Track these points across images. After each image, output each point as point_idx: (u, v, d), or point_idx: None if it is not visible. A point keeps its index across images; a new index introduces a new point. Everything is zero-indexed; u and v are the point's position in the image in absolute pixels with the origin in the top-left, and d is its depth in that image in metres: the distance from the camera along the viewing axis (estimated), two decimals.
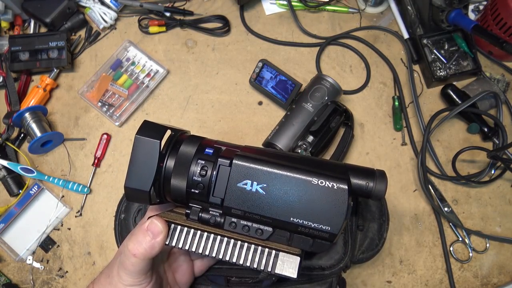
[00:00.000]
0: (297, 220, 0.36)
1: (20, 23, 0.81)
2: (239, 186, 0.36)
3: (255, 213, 0.36)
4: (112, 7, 0.82)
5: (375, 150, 0.73)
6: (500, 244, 0.68)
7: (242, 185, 0.36)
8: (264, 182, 0.36)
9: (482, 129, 0.71)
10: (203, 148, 0.39)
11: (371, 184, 0.38)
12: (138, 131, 0.38)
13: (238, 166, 0.36)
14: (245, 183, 0.36)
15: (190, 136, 0.42)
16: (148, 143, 0.38)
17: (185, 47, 0.81)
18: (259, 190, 0.36)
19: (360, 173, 0.38)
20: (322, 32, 0.81)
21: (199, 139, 0.41)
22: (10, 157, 0.74)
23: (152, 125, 0.39)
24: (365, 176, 0.38)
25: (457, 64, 0.75)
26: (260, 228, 0.37)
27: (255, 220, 0.37)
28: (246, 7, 0.83)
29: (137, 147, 0.38)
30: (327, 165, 0.39)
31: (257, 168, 0.36)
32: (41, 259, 0.70)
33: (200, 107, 0.77)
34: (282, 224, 0.36)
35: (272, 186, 0.36)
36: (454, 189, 0.71)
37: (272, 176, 0.36)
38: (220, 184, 0.37)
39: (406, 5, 0.77)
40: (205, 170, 0.38)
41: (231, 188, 0.36)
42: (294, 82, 0.72)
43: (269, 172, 0.36)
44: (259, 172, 0.36)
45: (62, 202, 0.72)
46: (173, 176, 0.39)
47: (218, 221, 0.38)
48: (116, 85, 0.77)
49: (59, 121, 0.77)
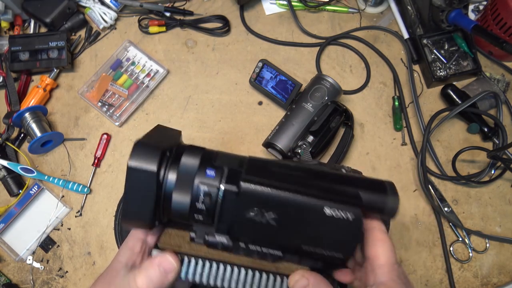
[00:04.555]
0: (309, 248, 0.35)
1: (20, 23, 0.81)
2: (247, 216, 0.34)
3: (265, 242, 0.35)
4: (112, 7, 0.82)
5: (375, 150, 0.73)
6: (500, 244, 0.68)
7: (251, 215, 0.34)
8: (274, 211, 0.34)
9: (482, 129, 0.71)
10: (204, 166, 0.35)
11: (384, 201, 0.36)
12: (130, 157, 0.34)
13: (246, 194, 0.33)
14: (254, 212, 0.34)
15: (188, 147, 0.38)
16: (143, 173, 0.34)
17: (185, 47, 0.81)
18: (269, 221, 0.34)
19: (371, 189, 0.37)
20: (322, 32, 0.81)
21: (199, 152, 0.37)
22: (10, 157, 0.74)
23: (146, 148, 0.34)
24: (376, 192, 0.36)
25: (457, 64, 0.75)
26: (269, 253, 0.36)
27: (264, 246, 0.36)
28: (246, 7, 0.83)
29: (132, 177, 0.34)
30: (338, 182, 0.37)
31: (267, 195, 0.33)
32: (41, 259, 0.70)
33: (200, 107, 0.77)
34: (292, 251, 0.36)
35: (283, 216, 0.34)
36: (454, 189, 0.71)
37: (282, 204, 0.33)
38: (226, 212, 0.34)
39: (406, 5, 0.77)
40: (209, 196, 0.34)
41: (238, 217, 0.34)
42: (294, 82, 0.72)
43: (281, 200, 0.33)
44: (269, 199, 0.33)
45: (62, 202, 0.72)
46: (174, 200, 0.35)
47: (226, 245, 0.36)
48: (116, 85, 0.77)
49: (59, 121, 0.77)
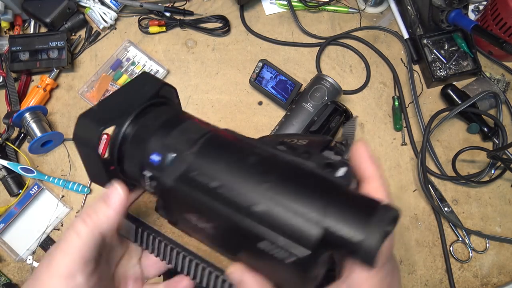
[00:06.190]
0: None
1: (20, 23, 0.81)
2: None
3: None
4: (112, 7, 0.82)
5: (375, 150, 0.73)
6: (500, 244, 0.68)
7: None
8: (207, 222, 0.26)
9: (482, 129, 0.71)
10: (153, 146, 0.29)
11: (359, 235, 0.21)
12: (74, 132, 0.29)
13: (177, 195, 0.26)
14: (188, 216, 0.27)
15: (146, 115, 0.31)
16: (85, 150, 0.29)
17: (185, 47, 0.81)
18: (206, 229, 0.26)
19: (347, 209, 0.22)
20: (322, 32, 0.81)
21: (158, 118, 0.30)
22: (10, 157, 0.74)
23: (86, 126, 0.29)
24: (352, 217, 0.22)
25: (457, 64, 0.75)
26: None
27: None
28: (246, 7, 0.83)
29: (79, 150, 0.30)
30: (305, 188, 0.23)
31: (196, 203, 0.25)
32: (41, 259, 0.70)
33: (200, 107, 0.77)
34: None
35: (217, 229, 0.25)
36: (454, 189, 0.71)
37: (214, 218, 0.25)
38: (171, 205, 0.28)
39: (406, 5, 0.77)
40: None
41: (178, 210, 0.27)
42: (294, 82, 0.72)
43: (211, 212, 0.25)
44: (202, 207, 0.25)
45: (62, 202, 0.72)
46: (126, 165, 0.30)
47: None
48: (116, 85, 0.77)
49: (59, 121, 0.77)
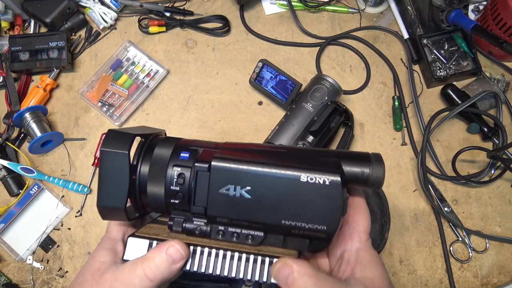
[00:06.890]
0: (289, 222, 0.32)
1: (20, 23, 0.81)
2: (221, 192, 0.33)
3: (243, 220, 0.33)
4: (112, 7, 0.82)
5: (375, 150, 0.72)
6: (500, 244, 0.68)
7: (225, 191, 0.33)
8: (248, 185, 0.33)
9: (482, 129, 0.71)
10: (178, 152, 0.36)
11: (367, 171, 0.34)
12: (102, 143, 0.35)
13: (218, 170, 0.33)
14: (227, 188, 0.33)
15: (163, 138, 0.38)
16: (115, 156, 0.34)
17: (185, 47, 0.81)
18: (243, 195, 0.33)
19: (354, 160, 0.35)
20: (322, 32, 0.81)
21: (173, 141, 0.37)
22: (10, 157, 0.74)
23: (118, 135, 0.35)
24: (359, 162, 0.35)
25: (457, 64, 0.75)
26: (250, 234, 0.34)
27: (244, 226, 0.34)
28: (246, 7, 0.83)
29: (104, 161, 0.34)
30: (317, 156, 0.35)
31: (238, 169, 0.33)
32: (41, 259, 0.70)
33: (200, 107, 0.77)
34: (273, 228, 0.33)
35: (257, 188, 0.33)
36: (454, 189, 0.71)
37: (256, 177, 0.32)
38: (200, 191, 0.34)
39: (406, 5, 0.77)
40: (182, 177, 0.34)
41: (213, 195, 0.33)
42: (294, 82, 0.72)
43: (253, 173, 0.32)
44: (241, 173, 0.33)
45: (62, 202, 0.72)
46: (149, 187, 0.35)
47: (204, 230, 0.35)
48: (116, 85, 0.77)
49: (59, 121, 0.77)
